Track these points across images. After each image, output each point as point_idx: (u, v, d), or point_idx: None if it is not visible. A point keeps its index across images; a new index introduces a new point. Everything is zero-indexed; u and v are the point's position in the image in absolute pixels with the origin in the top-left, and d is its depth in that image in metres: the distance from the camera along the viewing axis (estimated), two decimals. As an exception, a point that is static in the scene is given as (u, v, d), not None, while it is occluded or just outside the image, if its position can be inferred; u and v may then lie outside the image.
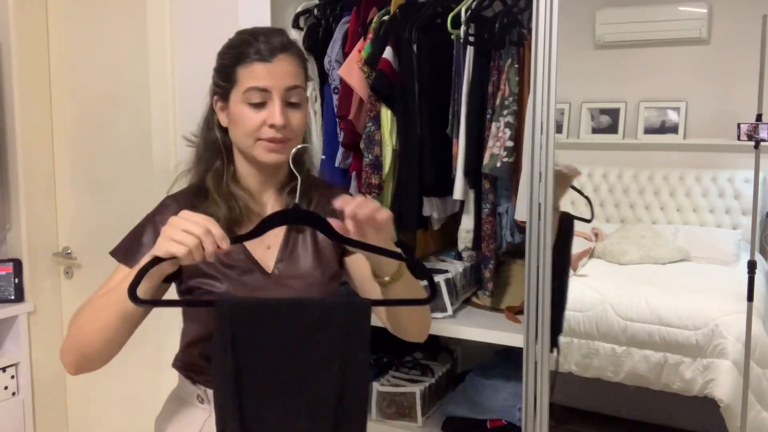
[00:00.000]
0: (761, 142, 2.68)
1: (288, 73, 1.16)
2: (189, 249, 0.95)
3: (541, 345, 1.50)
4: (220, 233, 0.98)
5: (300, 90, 1.19)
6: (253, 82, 1.15)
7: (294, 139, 1.19)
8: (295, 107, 1.18)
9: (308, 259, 1.24)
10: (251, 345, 1.01)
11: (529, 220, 1.48)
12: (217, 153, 1.24)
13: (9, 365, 2.40)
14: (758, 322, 2.92)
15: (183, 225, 0.96)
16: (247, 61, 1.16)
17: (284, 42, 1.18)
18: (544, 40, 1.43)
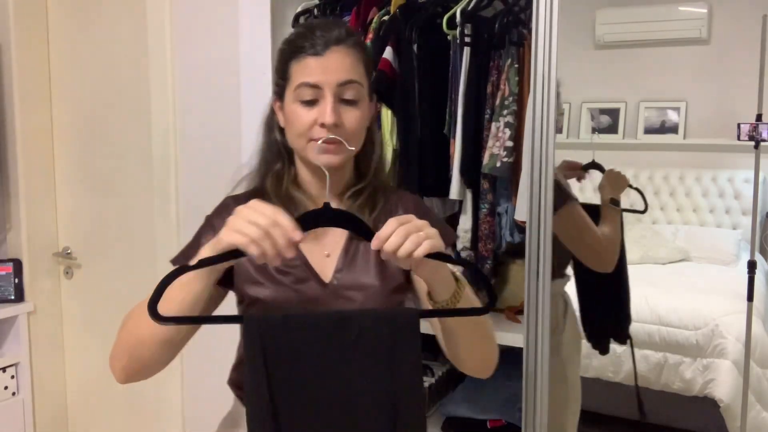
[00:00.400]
0: (761, 142, 2.68)
1: (342, 67, 1.06)
2: (253, 240, 0.86)
3: (542, 345, 1.50)
4: (290, 224, 0.88)
5: (356, 86, 1.08)
6: (303, 77, 1.06)
7: (351, 140, 1.07)
8: (351, 105, 1.08)
9: (370, 268, 1.12)
10: (285, 367, 0.91)
11: (529, 220, 1.48)
12: (278, 155, 1.16)
13: (9, 365, 2.40)
14: (758, 322, 2.92)
15: (249, 215, 0.87)
16: (299, 56, 1.07)
17: (341, 34, 1.07)
18: (544, 40, 1.43)
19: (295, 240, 0.88)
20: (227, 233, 0.88)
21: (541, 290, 1.48)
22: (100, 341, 2.48)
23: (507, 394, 1.75)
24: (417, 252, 0.88)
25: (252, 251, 0.86)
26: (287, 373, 0.91)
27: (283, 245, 0.87)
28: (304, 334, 0.92)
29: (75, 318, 2.54)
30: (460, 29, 1.64)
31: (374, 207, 1.14)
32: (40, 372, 2.48)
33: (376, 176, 1.17)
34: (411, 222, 0.90)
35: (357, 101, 1.08)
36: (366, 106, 1.11)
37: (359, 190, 1.15)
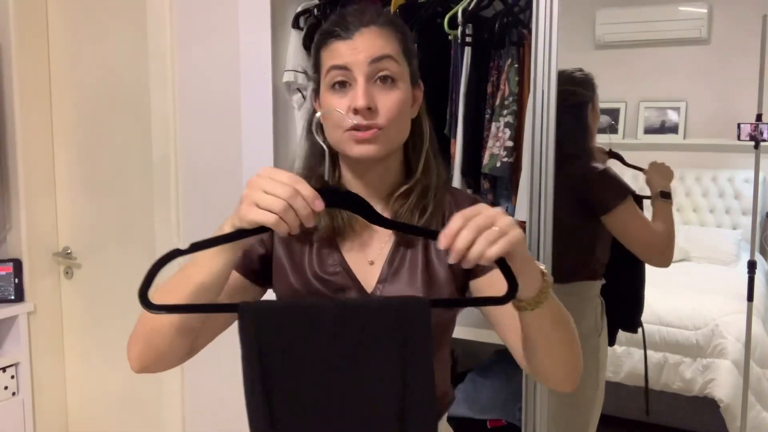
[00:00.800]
0: (761, 142, 2.68)
1: (372, 45, 0.96)
2: (277, 216, 0.79)
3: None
4: (310, 193, 0.81)
5: (391, 62, 0.97)
6: (331, 61, 0.98)
7: (391, 127, 0.97)
8: (388, 85, 0.97)
9: (416, 280, 1.02)
10: (284, 361, 0.85)
11: (529, 220, 1.48)
12: (321, 158, 1.06)
13: (9, 365, 2.40)
14: (758, 322, 2.92)
15: (267, 186, 0.80)
16: (328, 42, 0.99)
17: (372, 16, 0.99)
18: (544, 40, 1.43)
19: (317, 209, 0.81)
20: (248, 209, 0.81)
21: (541, 290, 1.48)
22: (100, 341, 2.48)
23: (507, 394, 1.75)
24: (489, 252, 0.77)
25: (280, 229, 0.80)
26: (284, 366, 0.85)
27: (305, 216, 0.81)
28: (304, 325, 0.85)
29: (75, 318, 2.54)
30: (461, 29, 1.64)
31: (425, 210, 1.03)
32: (40, 372, 2.48)
33: (426, 173, 1.05)
34: (481, 214, 0.78)
35: (395, 80, 0.98)
36: (406, 89, 1.00)
37: (407, 191, 1.03)
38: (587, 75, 2.03)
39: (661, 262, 1.96)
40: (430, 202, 1.03)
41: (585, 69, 2.12)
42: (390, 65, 0.97)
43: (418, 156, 1.05)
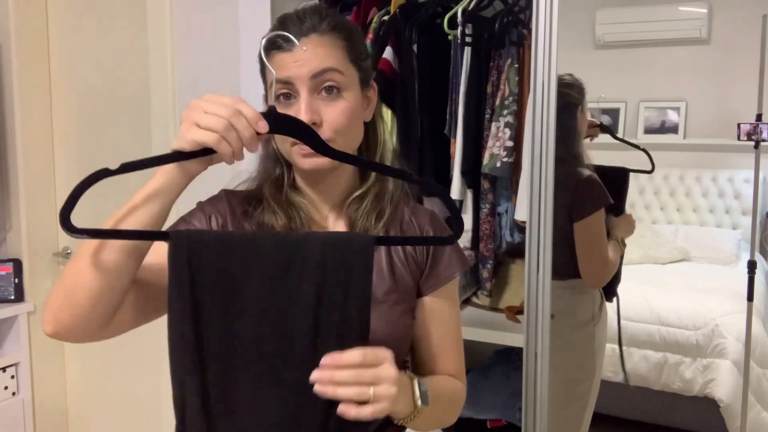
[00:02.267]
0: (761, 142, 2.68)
1: (314, 57, 0.93)
2: (219, 135, 0.77)
3: (541, 345, 1.50)
4: (253, 113, 0.79)
5: (335, 74, 0.93)
6: (275, 73, 0.94)
7: (338, 139, 0.94)
8: (333, 96, 0.94)
9: (382, 282, 1.00)
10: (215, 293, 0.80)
11: (529, 220, 1.48)
12: (276, 162, 1.04)
13: (9, 365, 2.40)
14: (758, 322, 2.92)
15: (208, 107, 0.78)
16: (271, 54, 0.95)
17: (312, 23, 0.95)
18: (544, 40, 1.43)
19: (260, 130, 0.79)
20: (188, 128, 0.78)
21: (541, 290, 1.48)
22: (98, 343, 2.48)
23: (507, 394, 1.75)
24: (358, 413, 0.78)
25: (223, 150, 0.78)
26: (217, 301, 0.80)
27: (248, 137, 0.79)
28: (241, 258, 0.80)
29: (75, 318, 2.54)
30: (461, 29, 1.64)
31: (382, 213, 1.01)
32: (40, 372, 2.48)
33: (381, 178, 1.04)
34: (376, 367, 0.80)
35: (340, 90, 0.95)
36: (354, 96, 0.97)
37: (361, 195, 1.02)
38: (576, 79, 2.06)
39: (594, 282, 2.02)
40: (387, 206, 1.02)
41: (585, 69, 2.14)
42: (334, 76, 0.94)
43: (372, 159, 1.04)
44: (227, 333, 0.81)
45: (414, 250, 1.04)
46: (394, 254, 1.02)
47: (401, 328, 1.01)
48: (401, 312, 1.01)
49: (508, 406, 1.73)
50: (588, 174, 1.99)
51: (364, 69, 1.01)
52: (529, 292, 1.49)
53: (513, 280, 1.79)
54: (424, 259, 1.04)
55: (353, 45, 0.99)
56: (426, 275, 1.04)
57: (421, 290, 1.04)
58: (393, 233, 1.03)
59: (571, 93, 2.01)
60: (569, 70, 2.06)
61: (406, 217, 1.05)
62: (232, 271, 0.80)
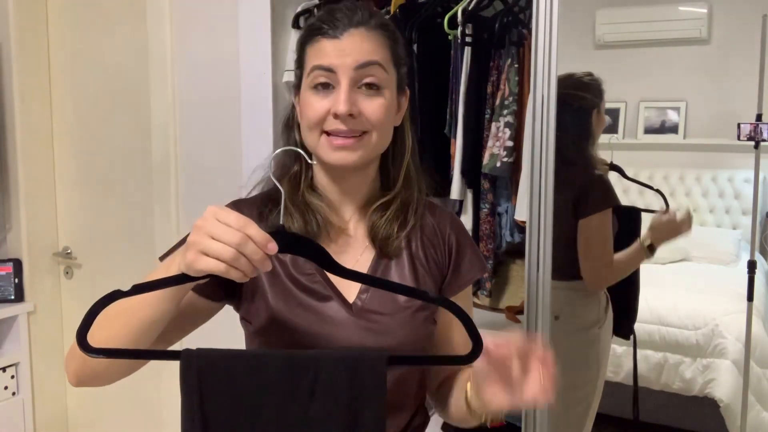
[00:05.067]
0: (761, 142, 2.68)
1: (360, 49, 0.91)
2: (227, 265, 0.74)
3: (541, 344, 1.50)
4: (262, 237, 0.75)
5: (378, 69, 0.92)
6: (316, 60, 0.93)
7: (373, 133, 0.93)
8: (373, 92, 0.93)
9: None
10: (228, 413, 0.80)
11: (529, 220, 1.48)
12: (296, 157, 1.00)
13: (9, 365, 2.40)
14: (758, 322, 2.92)
15: (214, 231, 0.74)
16: (314, 38, 0.94)
17: (363, 16, 0.94)
18: (544, 40, 1.43)
19: (270, 252, 0.76)
20: (195, 257, 0.75)
21: (541, 290, 1.48)
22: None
23: (507, 394, 1.75)
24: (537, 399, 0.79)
25: (234, 276, 0.75)
26: (227, 419, 0.79)
27: (259, 260, 0.75)
28: (251, 378, 0.79)
29: (75, 318, 2.53)
30: (461, 29, 1.64)
31: (404, 224, 1.00)
32: (40, 372, 2.48)
33: (406, 186, 1.02)
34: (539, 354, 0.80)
35: (380, 88, 0.93)
36: (392, 97, 0.96)
37: (386, 203, 1.00)
38: (596, 80, 2.02)
39: (594, 285, 1.95)
40: (411, 217, 1.00)
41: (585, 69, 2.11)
42: (377, 72, 0.93)
43: (399, 167, 1.02)
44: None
45: (436, 255, 1.03)
46: (417, 260, 1.01)
47: (423, 334, 0.99)
48: (424, 318, 0.99)
49: (508, 406, 1.72)
50: (598, 174, 1.95)
51: (401, 74, 1.00)
52: (529, 292, 1.49)
53: (513, 280, 1.79)
54: (446, 264, 1.04)
55: (397, 47, 0.98)
56: (448, 280, 1.04)
57: (443, 294, 1.03)
58: (414, 243, 1.02)
59: (587, 96, 1.97)
60: (569, 70, 2.05)
61: (429, 223, 1.04)
62: (241, 391, 0.80)
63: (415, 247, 1.02)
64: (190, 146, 2.14)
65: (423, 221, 1.03)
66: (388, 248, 0.99)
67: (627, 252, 1.92)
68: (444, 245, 1.04)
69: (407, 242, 1.01)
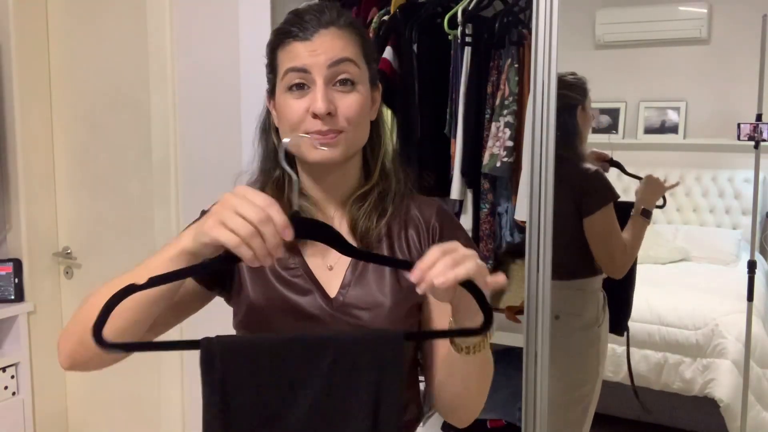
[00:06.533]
0: (761, 142, 2.68)
1: (332, 47, 0.93)
2: (242, 239, 0.75)
3: (542, 345, 1.50)
4: (282, 220, 0.76)
5: (350, 65, 0.94)
6: (289, 62, 0.94)
7: (351, 131, 0.95)
8: (347, 88, 0.94)
9: (383, 285, 0.98)
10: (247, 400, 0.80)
11: (529, 220, 1.48)
12: (276, 161, 1.01)
13: (9, 365, 2.40)
14: (758, 322, 2.92)
15: (239, 206, 0.75)
16: (286, 42, 0.95)
17: (332, 16, 0.96)
18: (544, 40, 1.43)
19: (287, 238, 0.76)
20: (214, 226, 0.76)
21: (541, 290, 1.48)
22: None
23: (507, 394, 1.75)
24: (452, 274, 0.76)
25: (243, 254, 0.75)
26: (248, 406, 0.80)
27: (274, 245, 0.76)
28: (270, 361, 0.80)
29: (75, 318, 2.54)
30: (461, 29, 1.64)
31: (384, 213, 1.01)
32: (40, 372, 2.48)
33: (384, 177, 1.03)
34: (457, 251, 0.78)
35: (354, 83, 0.95)
36: (366, 91, 0.98)
37: (363, 194, 1.01)
38: (579, 78, 2.06)
39: (616, 273, 2.01)
40: (389, 206, 1.01)
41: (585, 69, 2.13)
42: (350, 68, 0.94)
43: (376, 159, 1.03)
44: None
45: (418, 242, 1.03)
46: (398, 249, 1.02)
47: (407, 326, 1.00)
48: (405, 314, 0.99)
49: (508, 406, 1.73)
50: (594, 169, 1.98)
51: (372, 69, 1.02)
52: (529, 292, 1.49)
53: (513, 280, 1.79)
54: None
55: (367, 44, 1.00)
56: None
57: None
58: (395, 229, 1.02)
59: (570, 93, 2.01)
60: (569, 70, 2.06)
61: (412, 212, 1.05)
62: (263, 376, 0.80)
63: (396, 235, 1.03)
64: (190, 146, 2.14)
65: (407, 210, 1.04)
66: (369, 239, 1.00)
67: (628, 228, 1.97)
68: (427, 232, 1.04)
69: (387, 230, 1.01)
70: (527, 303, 1.50)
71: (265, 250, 0.75)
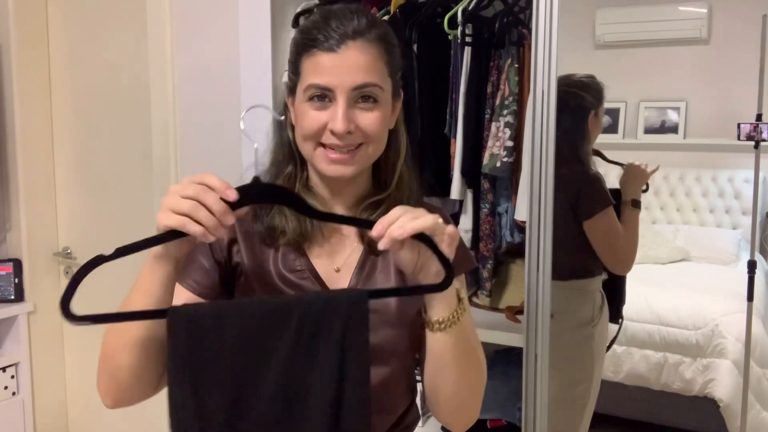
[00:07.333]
0: (761, 142, 2.67)
1: (358, 67, 0.91)
2: (186, 214, 0.77)
3: (541, 345, 1.50)
4: (221, 183, 0.78)
5: (375, 89, 0.93)
6: (314, 77, 0.92)
7: (369, 144, 0.95)
8: (369, 105, 0.93)
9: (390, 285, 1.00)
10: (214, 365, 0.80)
11: (529, 220, 1.48)
12: (289, 156, 1.01)
13: (9, 365, 2.40)
14: (758, 322, 2.92)
15: (179, 188, 0.79)
16: (311, 50, 0.92)
17: (359, 26, 0.92)
18: (544, 40, 1.43)
19: (229, 199, 0.78)
20: (161, 216, 0.79)
21: (541, 290, 1.48)
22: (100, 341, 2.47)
23: (507, 394, 1.75)
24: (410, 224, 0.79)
25: (192, 230, 0.77)
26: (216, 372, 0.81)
27: (220, 210, 0.78)
28: (238, 326, 0.80)
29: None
30: (461, 29, 1.64)
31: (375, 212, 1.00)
32: (40, 372, 2.48)
33: (399, 188, 1.02)
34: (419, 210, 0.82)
35: (377, 101, 0.94)
36: (387, 107, 0.97)
37: (377, 202, 1.00)
38: (597, 83, 2.04)
39: (623, 270, 2.04)
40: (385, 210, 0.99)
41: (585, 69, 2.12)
42: (374, 91, 0.93)
43: (393, 169, 1.02)
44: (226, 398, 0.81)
45: None
46: None
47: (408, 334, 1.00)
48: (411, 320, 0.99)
49: (508, 406, 1.73)
50: (593, 173, 1.98)
51: (396, 80, 1.00)
52: (529, 292, 1.49)
53: (513, 280, 1.79)
54: None
55: (393, 59, 0.98)
56: None
57: None
58: None
59: (586, 96, 1.99)
60: (569, 70, 2.05)
61: None
62: (229, 339, 0.80)
63: None
64: (190, 146, 2.14)
65: None
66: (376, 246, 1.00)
67: (622, 222, 1.98)
68: None
69: None
70: (527, 303, 1.50)
71: (213, 220, 0.78)
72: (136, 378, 0.91)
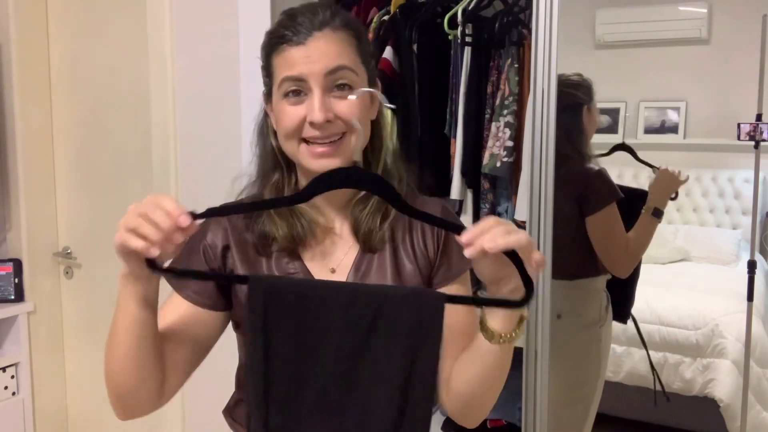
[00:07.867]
0: (761, 142, 2.67)
1: (328, 53, 0.91)
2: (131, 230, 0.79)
3: (542, 345, 1.50)
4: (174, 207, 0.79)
5: (347, 72, 0.92)
6: (285, 71, 0.92)
7: (351, 133, 0.94)
8: (345, 93, 0.93)
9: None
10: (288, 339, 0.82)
11: (529, 220, 1.48)
12: (275, 164, 1.01)
13: (9, 365, 2.40)
14: (758, 322, 2.92)
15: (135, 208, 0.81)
16: (280, 47, 0.93)
17: (325, 17, 0.93)
18: (544, 40, 1.43)
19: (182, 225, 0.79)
20: (116, 236, 0.80)
21: (541, 290, 1.48)
22: (100, 341, 2.47)
23: (507, 394, 1.75)
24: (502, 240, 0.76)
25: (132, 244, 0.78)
26: (289, 346, 0.82)
27: (169, 226, 0.78)
28: (315, 307, 0.81)
29: (75, 318, 2.54)
30: (461, 29, 1.64)
31: (387, 214, 0.99)
32: (40, 372, 2.48)
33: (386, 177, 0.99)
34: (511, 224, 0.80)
35: (352, 88, 0.93)
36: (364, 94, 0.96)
37: (366, 196, 0.99)
38: (585, 80, 2.06)
39: (621, 273, 1.98)
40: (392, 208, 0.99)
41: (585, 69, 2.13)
42: (347, 74, 0.93)
43: (378, 159, 1.01)
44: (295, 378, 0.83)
45: (424, 244, 1.02)
46: (401, 251, 1.01)
47: None
48: None
49: (508, 406, 1.73)
50: (597, 169, 1.97)
51: (371, 69, 1.00)
52: (529, 292, 1.49)
53: (513, 280, 1.79)
54: (435, 251, 1.02)
55: (363, 44, 0.98)
56: (437, 267, 1.02)
57: (433, 282, 1.02)
58: (399, 233, 1.01)
59: (577, 93, 2.00)
60: (569, 70, 2.06)
61: None
62: (305, 318, 0.82)
63: (400, 237, 1.01)
64: (190, 146, 2.14)
65: None
66: (372, 242, 0.99)
67: (637, 227, 1.94)
68: (432, 233, 1.02)
69: (391, 233, 1.00)
70: (527, 303, 1.50)
71: (159, 234, 0.78)
72: (136, 389, 0.91)
